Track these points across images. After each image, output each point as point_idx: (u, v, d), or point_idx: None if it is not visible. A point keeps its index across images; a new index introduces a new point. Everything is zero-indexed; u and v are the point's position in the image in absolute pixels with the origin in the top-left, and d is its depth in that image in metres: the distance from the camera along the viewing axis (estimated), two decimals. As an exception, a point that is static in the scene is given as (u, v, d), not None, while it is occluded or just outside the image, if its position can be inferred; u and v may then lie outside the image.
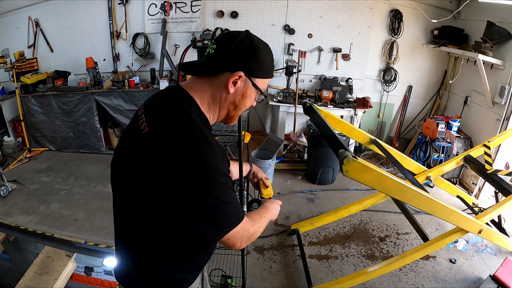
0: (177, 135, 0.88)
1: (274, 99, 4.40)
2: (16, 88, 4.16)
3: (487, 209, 2.45)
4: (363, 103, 4.37)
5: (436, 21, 4.07)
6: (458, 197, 3.21)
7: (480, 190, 3.79)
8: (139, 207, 0.97)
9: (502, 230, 2.71)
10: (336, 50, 4.59)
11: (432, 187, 3.63)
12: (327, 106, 4.29)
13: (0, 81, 4.53)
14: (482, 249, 2.96)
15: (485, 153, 2.79)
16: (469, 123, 4.19)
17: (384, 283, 2.54)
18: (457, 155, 3.54)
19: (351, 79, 4.61)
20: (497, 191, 2.78)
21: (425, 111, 4.97)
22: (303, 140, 4.49)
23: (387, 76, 4.75)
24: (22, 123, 4.35)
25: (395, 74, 4.72)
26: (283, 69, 4.37)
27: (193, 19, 4.50)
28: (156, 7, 4.46)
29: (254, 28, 4.51)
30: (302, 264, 2.62)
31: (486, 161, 2.73)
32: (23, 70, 4.25)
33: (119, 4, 4.43)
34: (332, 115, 2.55)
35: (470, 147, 3.90)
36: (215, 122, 1.06)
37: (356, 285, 2.34)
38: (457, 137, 4.02)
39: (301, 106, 2.43)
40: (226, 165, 0.96)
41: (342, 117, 4.29)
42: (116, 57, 4.66)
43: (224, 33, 1.02)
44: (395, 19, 4.51)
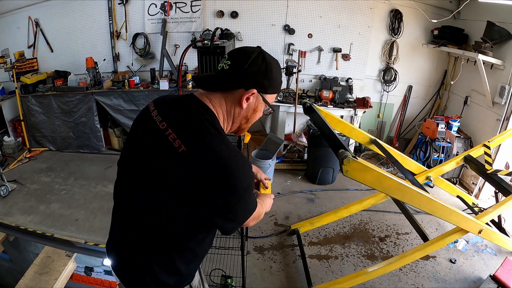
0: (218, 158, 0.93)
1: (274, 99, 4.38)
2: (16, 88, 4.17)
3: (487, 209, 2.45)
4: (363, 103, 4.37)
5: (436, 21, 4.07)
6: (458, 197, 3.21)
7: (480, 190, 3.79)
8: (165, 212, 1.01)
9: (502, 230, 2.71)
10: (336, 50, 4.59)
11: (432, 187, 3.63)
12: (327, 106, 4.29)
13: (0, 81, 4.54)
14: (482, 249, 2.96)
15: (485, 153, 2.79)
16: (469, 123, 4.19)
17: (384, 283, 2.54)
18: (457, 155, 3.54)
19: (351, 79, 4.61)
20: (497, 191, 2.78)
21: (425, 111, 4.97)
22: (303, 140, 4.49)
23: (387, 76, 4.75)
24: (22, 123, 4.35)
25: (395, 74, 4.72)
26: (283, 69, 4.37)
27: (193, 19, 4.51)
28: (156, 7, 4.46)
29: (254, 28, 4.52)
30: (302, 264, 2.61)
31: (486, 161, 2.73)
32: (23, 70, 4.25)
33: (119, 4, 4.43)
34: (332, 115, 2.55)
35: (470, 147, 3.90)
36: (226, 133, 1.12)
37: (356, 285, 2.33)
38: (457, 137, 4.02)
39: (301, 106, 2.43)
40: (253, 173, 1.11)
41: (342, 117, 4.29)
42: (116, 57, 4.66)
43: (237, 48, 1.06)
44: (395, 19, 4.51)
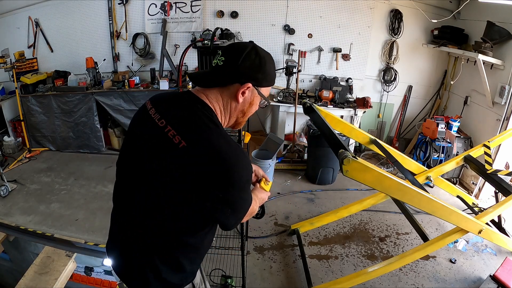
0: (218, 152, 0.94)
1: (274, 99, 4.40)
2: (16, 88, 4.16)
3: (487, 209, 2.45)
4: (363, 103, 4.37)
5: (436, 21, 4.07)
6: (458, 197, 3.21)
7: (480, 190, 3.79)
8: (166, 209, 1.02)
9: (502, 230, 2.71)
10: (336, 50, 4.59)
11: (432, 187, 3.63)
12: (327, 106, 4.29)
13: (0, 81, 4.54)
14: (482, 249, 2.96)
15: (485, 153, 2.79)
16: (469, 123, 4.19)
17: (384, 283, 2.54)
18: (457, 155, 3.54)
19: (351, 79, 4.61)
20: (497, 191, 2.78)
21: (425, 111, 4.97)
22: (303, 140, 4.49)
23: (387, 76, 4.75)
24: (22, 123, 4.35)
25: (395, 74, 4.72)
26: (283, 69, 4.37)
27: (193, 19, 4.51)
28: (156, 7, 4.46)
29: (254, 28, 4.52)
30: (302, 264, 2.61)
31: (486, 161, 2.73)
32: (23, 70, 4.25)
33: (119, 4, 4.43)
34: (332, 115, 2.55)
35: (470, 147, 3.90)
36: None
37: (356, 285, 2.33)
38: (457, 137, 4.02)
39: (301, 106, 2.43)
40: (251, 166, 1.11)
41: (342, 117, 4.29)
42: (116, 57, 4.66)
43: (230, 44, 1.09)
44: (395, 19, 4.51)
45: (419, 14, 4.31)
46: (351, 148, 4.61)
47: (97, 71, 4.39)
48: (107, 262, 2.40)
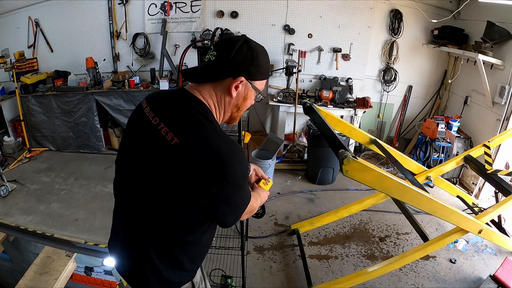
0: (211, 147, 0.94)
1: (274, 99, 4.40)
2: (16, 88, 4.16)
3: (487, 209, 2.45)
4: (363, 103, 4.37)
5: (436, 21, 4.07)
6: (458, 197, 3.21)
7: (480, 190, 3.79)
8: (162, 207, 1.02)
9: (502, 230, 2.71)
10: (336, 50, 4.59)
11: (432, 187, 3.63)
12: (327, 106, 4.29)
13: (0, 81, 4.53)
14: (482, 249, 2.96)
15: (485, 153, 2.79)
16: (469, 123, 4.19)
17: (384, 283, 2.54)
18: (457, 155, 3.54)
19: (351, 79, 4.61)
20: (497, 191, 2.78)
21: (425, 111, 4.97)
22: (303, 140, 4.49)
23: (387, 76, 4.75)
24: (22, 123, 4.34)
25: (395, 74, 4.72)
26: (283, 69, 4.37)
27: (193, 19, 4.51)
28: (156, 7, 4.46)
29: (254, 28, 4.52)
30: (302, 264, 2.62)
31: (486, 161, 2.73)
32: (23, 70, 4.25)
33: (119, 4, 4.43)
34: (332, 115, 2.55)
35: (470, 147, 3.90)
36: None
37: (356, 285, 2.33)
38: (457, 137, 4.02)
39: (301, 106, 2.43)
40: (248, 165, 1.11)
41: (342, 117, 4.29)
42: (116, 57, 4.66)
43: (222, 39, 1.06)
44: (395, 19, 4.51)
45: (419, 14, 4.31)
46: (351, 148, 4.61)
47: (97, 71, 4.39)
48: (107, 262, 2.41)
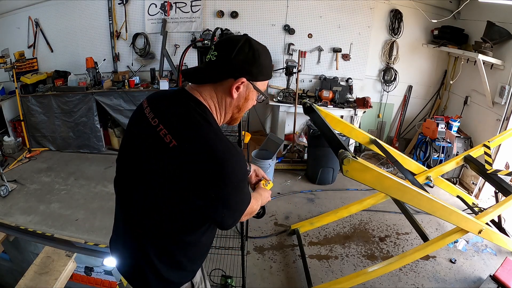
0: (209, 150, 0.92)
1: (274, 99, 4.40)
2: (16, 88, 4.16)
3: (487, 209, 2.45)
4: (363, 103, 4.37)
5: (436, 21, 4.07)
6: (458, 197, 3.21)
7: (480, 190, 3.79)
8: (161, 208, 1.02)
9: (502, 230, 2.71)
10: (336, 50, 4.59)
11: (432, 187, 3.63)
12: (327, 106, 4.29)
13: (0, 81, 4.53)
14: (482, 249, 2.96)
15: (485, 153, 2.79)
16: (469, 123, 4.19)
17: (384, 283, 2.54)
18: (457, 155, 3.54)
19: (351, 79, 4.61)
20: (497, 191, 2.78)
21: (425, 111, 4.97)
22: (303, 140, 4.49)
23: (387, 76, 4.75)
24: (22, 123, 4.34)
25: (395, 74, 4.72)
26: (283, 69, 4.37)
27: (193, 19, 4.51)
28: (156, 7, 4.46)
29: (254, 28, 4.52)
30: (302, 264, 2.62)
31: (486, 161, 2.73)
32: (23, 70, 4.25)
33: (119, 4, 4.43)
34: (332, 115, 2.55)
35: (470, 147, 3.90)
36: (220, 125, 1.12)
37: (356, 285, 2.33)
38: (457, 137, 4.02)
39: (301, 106, 2.43)
40: (247, 167, 1.11)
41: (342, 117, 4.29)
42: (116, 57, 4.66)
43: (223, 38, 1.04)
44: (395, 19, 4.51)
45: (419, 14, 4.31)
46: (351, 148, 4.61)
47: (97, 71, 4.39)
48: (107, 262, 2.41)
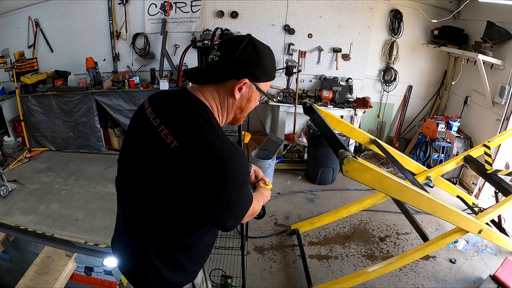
0: (210, 151, 0.92)
1: (274, 99, 4.40)
2: (16, 88, 4.16)
3: (487, 209, 2.45)
4: (363, 103, 4.37)
5: (436, 21, 4.07)
6: (458, 197, 3.21)
7: (480, 190, 3.79)
8: (161, 208, 1.01)
9: (502, 230, 2.71)
10: (336, 50, 4.59)
11: (432, 187, 3.63)
12: (327, 106, 4.29)
13: (0, 81, 4.54)
14: (482, 249, 2.96)
15: (485, 153, 2.79)
16: (469, 123, 4.19)
17: (384, 283, 2.54)
18: (457, 155, 3.54)
19: (351, 79, 4.61)
20: (497, 191, 2.78)
21: (425, 111, 4.97)
22: (303, 140, 4.49)
23: (387, 76, 4.75)
24: (22, 123, 4.35)
25: (395, 74, 4.72)
26: (283, 69, 4.37)
27: (193, 19, 4.51)
28: (156, 7, 4.46)
29: (254, 28, 4.52)
30: (302, 264, 2.62)
31: (486, 161, 2.73)
32: (23, 70, 4.25)
33: (119, 4, 4.43)
34: (332, 115, 2.54)
35: (470, 147, 3.90)
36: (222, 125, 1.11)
37: (356, 285, 2.33)
38: (457, 137, 4.02)
39: (301, 106, 2.43)
40: (249, 169, 1.09)
41: (342, 117, 4.29)
42: (116, 57, 4.66)
43: (226, 38, 1.03)
44: (395, 19, 4.51)
45: (419, 14, 4.31)
46: (351, 148, 4.61)
47: (97, 71, 4.39)
48: (107, 262, 2.41)
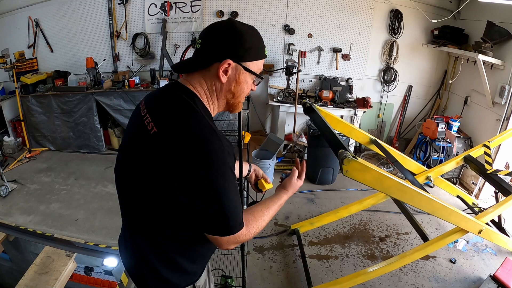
0: (187, 133, 0.89)
1: (274, 99, 4.40)
2: (16, 88, 4.16)
3: (487, 209, 2.45)
4: (363, 103, 4.37)
5: (436, 21, 4.07)
6: (458, 197, 3.21)
7: (480, 190, 3.79)
8: (149, 204, 0.99)
9: (502, 230, 2.71)
10: (336, 50, 4.59)
11: (432, 187, 3.63)
12: (327, 106, 4.29)
13: (0, 81, 4.53)
14: (482, 249, 2.96)
15: (485, 153, 2.79)
16: (469, 123, 4.19)
17: (384, 283, 2.54)
18: (457, 155, 3.54)
19: (351, 79, 4.61)
20: (497, 191, 2.78)
21: (425, 111, 4.97)
22: (303, 140, 4.49)
23: (387, 76, 4.75)
24: (22, 123, 4.35)
25: (395, 74, 4.72)
26: (283, 69, 4.37)
27: (193, 19, 4.51)
28: (156, 7, 4.46)
29: (254, 28, 4.51)
30: (302, 264, 2.62)
31: (486, 161, 2.73)
32: (23, 70, 4.24)
33: (119, 4, 4.43)
34: (332, 115, 2.54)
35: (470, 147, 3.90)
36: (217, 112, 1.08)
37: (356, 285, 2.33)
38: (457, 137, 4.02)
39: (301, 106, 2.43)
40: (233, 160, 0.96)
41: (342, 117, 4.29)
42: (116, 57, 4.66)
43: (208, 26, 1.02)
44: (395, 19, 4.51)
45: (419, 14, 4.31)
46: (351, 148, 4.61)
47: (97, 71, 4.39)
48: (107, 262, 2.41)
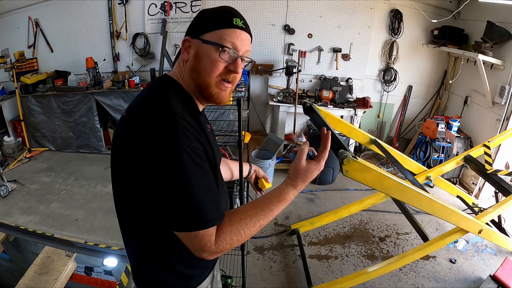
0: (141, 114, 0.87)
1: (274, 99, 4.40)
2: (16, 88, 4.17)
3: (487, 209, 2.45)
4: (363, 103, 4.37)
5: (436, 21, 4.07)
6: (458, 197, 3.21)
7: (480, 190, 3.79)
8: (124, 200, 0.98)
9: (502, 230, 2.71)
10: (336, 50, 4.59)
11: (432, 187, 3.63)
12: (327, 106, 4.29)
13: (0, 81, 4.54)
14: (482, 249, 2.96)
15: (485, 153, 2.80)
16: (469, 123, 4.19)
17: (384, 283, 2.54)
18: (457, 155, 3.54)
19: (351, 79, 4.61)
20: (497, 191, 2.78)
21: (425, 111, 4.97)
22: (303, 140, 4.49)
23: (387, 76, 4.75)
24: (22, 123, 4.35)
25: (395, 74, 4.72)
26: (283, 69, 4.37)
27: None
28: (156, 7, 4.46)
29: (254, 28, 4.46)
30: (302, 264, 2.62)
31: (486, 161, 2.73)
32: (23, 70, 4.25)
33: (119, 4, 4.43)
34: (332, 115, 2.54)
35: (470, 147, 3.90)
36: (206, 104, 1.04)
37: (356, 285, 2.33)
38: (457, 137, 4.02)
39: (301, 106, 2.43)
40: (196, 144, 0.86)
41: (342, 117, 4.29)
42: (116, 57, 4.66)
43: None
44: (395, 19, 4.51)
45: (419, 14, 4.31)
46: (351, 148, 4.61)
47: (97, 71, 4.39)
48: (107, 262, 2.41)
